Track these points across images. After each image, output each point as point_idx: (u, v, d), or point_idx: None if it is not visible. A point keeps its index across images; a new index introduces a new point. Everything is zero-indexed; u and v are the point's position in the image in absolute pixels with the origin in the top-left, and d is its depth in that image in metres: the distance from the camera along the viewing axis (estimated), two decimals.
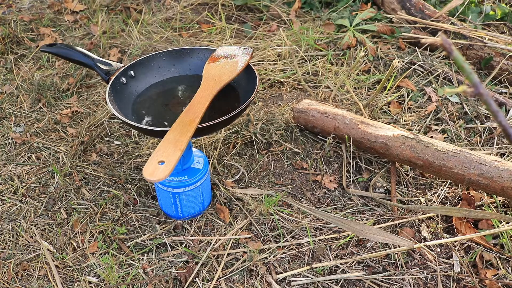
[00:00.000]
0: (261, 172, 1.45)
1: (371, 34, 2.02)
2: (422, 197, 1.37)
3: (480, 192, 1.35)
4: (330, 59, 1.89)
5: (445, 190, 1.39)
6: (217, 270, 1.18)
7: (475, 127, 1.61)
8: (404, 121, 1.62)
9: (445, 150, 1.28)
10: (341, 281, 1.15)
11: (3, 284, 1.18)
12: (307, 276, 1.16)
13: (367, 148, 1.42)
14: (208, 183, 1.30)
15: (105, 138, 1.57)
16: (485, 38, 1.86)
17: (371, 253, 1.21)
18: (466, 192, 1.36)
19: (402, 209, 1.33)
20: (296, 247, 1.23)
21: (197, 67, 1.32)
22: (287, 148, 1.51)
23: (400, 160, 1.36)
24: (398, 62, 1.74)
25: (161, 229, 1.28)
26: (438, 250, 1.24)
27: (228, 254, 1.21)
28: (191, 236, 1.26)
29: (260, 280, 1.16)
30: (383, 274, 1.17)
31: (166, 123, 1.16)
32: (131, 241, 1.25)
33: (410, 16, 2.02)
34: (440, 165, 1.28)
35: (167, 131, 1.10)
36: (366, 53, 1.89)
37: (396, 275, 1.17)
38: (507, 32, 2.05)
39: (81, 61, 1.26)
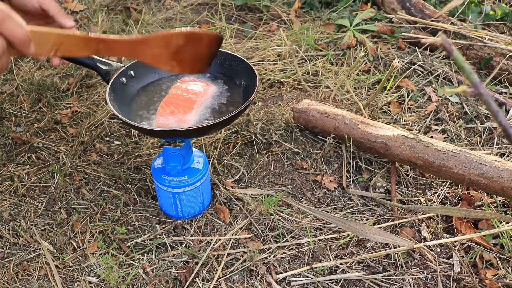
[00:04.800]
0: (261, 172, 1.45)
1: (371, 34, 2.02)
2: (422, 197, 1.37)
3: (480, 192, 1.35)
4: (330, 59, 1.89)
5: (445, 190, 1.39)
6: (217, 270, 1.18)
7: (475, 127, 1.61)
8: (404, 121, 1.62)
9: (445, 150, 1.28)
10: (341, 281, 1.16)
11: (3, 284, 1.18)
12: (307, 276, 1.16)
13: (367, 148, 1.42)
14: (208, 183, 1.30)
15: (105, 138, 1.57)
16: (485, 38, 1.86)
17: (371, 253, 1.21)
18: (466, 192, 1.36)
19: (402, 209, 1.33)
20: (296, 247, 1.23)
21: None
22: (287, 148, 1.51)
23: (400, 160, 1.36)
24: (398, 62, 1.74)
25: (161, 229, 1.28)
26: (438, 250, 1.24)
27: (228, 254, 1.21)
28: (191, 236, 1.26)
29: (260, 280, 1.16)
30: (383, 274, 1.17)
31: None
32: (131, 241, 1.25)
33: (410, 16, 2.02)
34: (440, 165, 1.28)
35: (168, 131, 1.10)
36: (366, 53, 1.89)
37: (396, 275, 1.17)
38: (507, 32, 2.05)
39: (81, 61, 1.26)
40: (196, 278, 1.17)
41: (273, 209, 1.32)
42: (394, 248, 1.22)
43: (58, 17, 1.14)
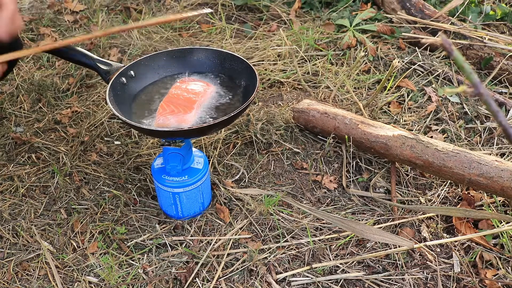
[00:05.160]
0: (261, 172, 1.45)
1: (371, 34, 2.02)
2: (422, 197, 1.37)
3: (480, 192, 1.35)
4: (330, 59, 1.89)
5: (445, 190, 1.39)
6: (217, 270, 1.18)
7: (475, 127, 1.61)
8: (404, 121, 1.62)
9: (445, 150, 1.28)
10: (341, 281, 1.16)
11: (3, 284, 1.18)
12: (307, 276, 1.16)
13: (367, 148, 1.42)
14: (208, 183, 1.30)
15: (105, 138, 1.57)
16: (485, 38, 1.86)
17: (371, 253, 1.21)
18: (466, 192, 1.36)
19: (402, 209, 1.33)
20: (296, 247, 1.23)
21: (197, 67, 1.32)
22: (287, 148, 1.51)
23: (400, 160, 1.36)
24: (398, 62, 1.74)
25: (161, 229, 1.28)
26: (438, 250, 1.24)
27: (228, 254, 1.21)
28: (191, 236, 1.26)
29: (260, 280, 1.16)
30: (383, 274, 1.17)
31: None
32: (131, 241, 1.25)
33: (410, 16, 2.02)
34: (440, 165, 1.28)
35: (167, 131, 1.10)
36: (366, 53, 1.89)
37: (396, 275, 1.17)
38: (507, 32, 2.05)
39: (81, 61, 1.26)
40: (196, 278, 1.17)
41: (273, 209, 1.32)
42: (394, 248, 1.22)
43: None
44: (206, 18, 2.20)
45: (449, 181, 1.40)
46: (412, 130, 1.58)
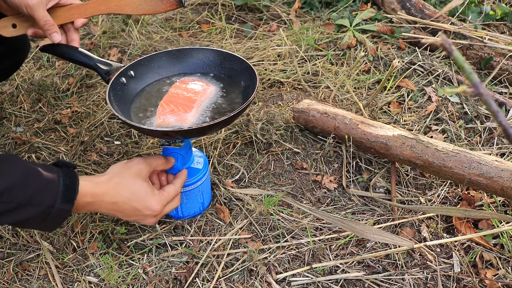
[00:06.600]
0: (261, 172, 1.45)
1: (371, 34, 2.02)
2: (422, 197, 1.37)
3: (480, 192, 1.36)
4: (330, 59, 1.89)
5: (445, 190, 1.39)
6: (217, 270, 1.18)
7: (475, 127, 1.61)
8: (404, 121, 1.62)
9: (445, 150, 1.28)
10: (341, 281, 1.16)
11: (3, 284, 1.18)
12: (307, 276, 1.16)
13: (367, 148, 1.42)
14: (208, 183, 1.30)
15: (105, 138, 1.57)
16: (485, 38, 1.86)
17: (371, 253, 1.21)
18: (466, 192, 1.36)
19: (402, 209, 1.33)
20: (296, 247, 1.23)
21: (197, 67, 1.32)
22: (287, 148, 1.51)
23: (400, 160, 1.36)
24: (398, 62, 1.74)
25: (161, 229, 1.28)
26: (438, 250, 1.24)
27: (228, 254, 1.21)
28: (191, 236, 1.26)
29: (260, 280, 1.16)
30: (383, 274, 1.17)
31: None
32: (131, 241, 1.25)
33: (410, 16, 2.02)
34: (440, 165, 1.28)
35: (167, 131, 1.10)
36: (366, 53, 1.89)
37: (396, 275, 1.17)
38: (507, 32, 2.05)
39: (81, 61, 1.26)
40: (196, 278, 1.17)
41: (273, 209, 1.32)
42: (394, 248, 1.22)
43: (44, 32, 1.18)
44: (206, 18, 2.20)
45: (449, 181, 1.40)
46: (412, 130, 1.58)
